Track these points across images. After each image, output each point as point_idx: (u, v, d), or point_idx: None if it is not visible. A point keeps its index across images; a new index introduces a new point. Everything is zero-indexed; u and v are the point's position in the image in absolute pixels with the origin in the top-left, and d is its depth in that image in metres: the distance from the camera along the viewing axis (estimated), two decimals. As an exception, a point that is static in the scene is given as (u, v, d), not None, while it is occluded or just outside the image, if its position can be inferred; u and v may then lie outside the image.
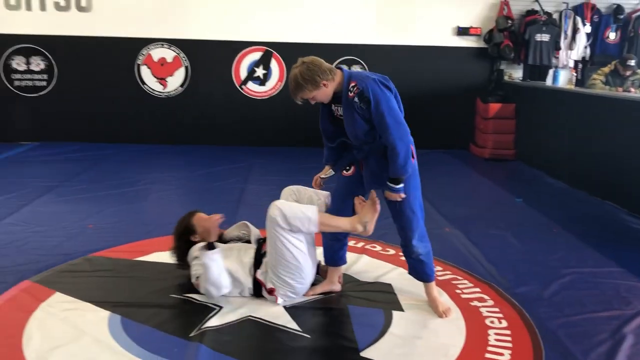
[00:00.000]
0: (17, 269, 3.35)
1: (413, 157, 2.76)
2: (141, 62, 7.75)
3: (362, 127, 2.73)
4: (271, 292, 2.94)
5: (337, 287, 3.15)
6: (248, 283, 2.98)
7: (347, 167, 3.00)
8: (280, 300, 2.94)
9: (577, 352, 2.56)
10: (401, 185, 2.73)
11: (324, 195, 3.12)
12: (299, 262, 2.87)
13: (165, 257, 3.59)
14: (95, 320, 2.75)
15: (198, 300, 2.98)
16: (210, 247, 2.87)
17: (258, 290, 2.98)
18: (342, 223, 2.89)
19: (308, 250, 2.91)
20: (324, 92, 2.77)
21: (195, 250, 3.05)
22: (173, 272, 3.36)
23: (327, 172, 3.14)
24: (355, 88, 2.69)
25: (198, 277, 2.96)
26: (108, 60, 7.69)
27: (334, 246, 3.08)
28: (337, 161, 3.08)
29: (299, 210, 2.82)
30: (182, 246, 3.16)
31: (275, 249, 2.85)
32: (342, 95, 2.76)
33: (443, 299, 3.04)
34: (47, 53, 7.64)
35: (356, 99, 2.68)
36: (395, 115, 2.68)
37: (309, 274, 2.97)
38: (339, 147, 3.02)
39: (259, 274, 2.97)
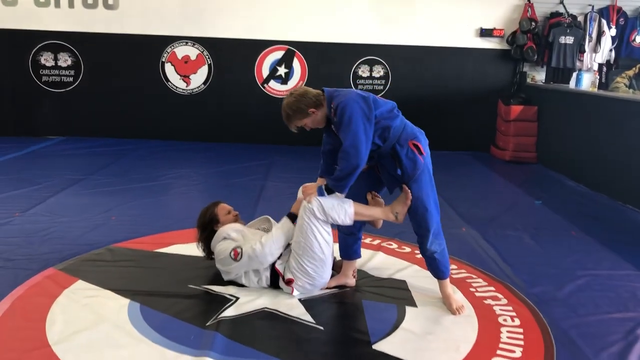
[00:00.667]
0: (42, 257, 3.46)
1: (422, 153, 2.84)
2: (165, 59, 7.88)
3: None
4: (289, 282, 2.99)
5: (352, 281, 3.20)
6: (266, 272, 3.04)
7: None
8: (296, 292, 3.00)
9: (589, 352, 2.57)
10: (324, 193, 2.91)
11: None
12: (324, 255, 2.95)
13: (185, 249, 3.69)
14: (116, 307, 2.83)
15: (215, 292, 3.05)
16: None
17: (275, 280, 3.04)
18: (375, 212, 3.02)
19: (332, 246, 2.99)
20: (314, 119, 2.94)
21: (227, 229, 3.14)
22: (192, 263, 3.45)
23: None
24: (334, 108, 2.82)
25: (236, 248, 3.01)
26: (133, 57, 7.84)
27: (348, 240, 3.13)
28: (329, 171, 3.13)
29: (336, 202, 2.91)
30: (209, 236, 3.22)
31: (305, 239, 2.91)
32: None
33: (457, 296, 3.07)
34: (74, 49, 7.81)
35: (335, 118, 2.83)
36: (356, 133, 2.74)
37: (329, 269, 3.05)
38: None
39: (278, 264, 3.03)
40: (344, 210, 2.90)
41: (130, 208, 4.66)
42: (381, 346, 2.56)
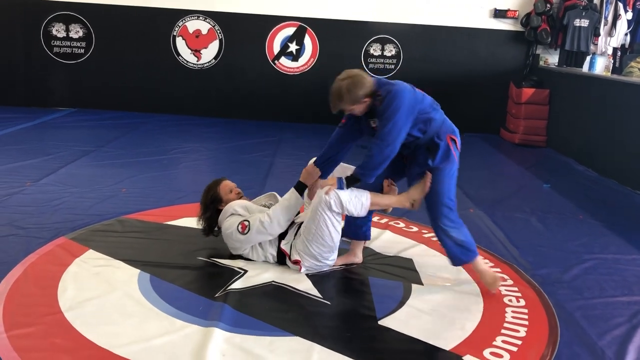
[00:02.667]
0: (53, 226, 3.51)
1: (458, 149, 2.93)
2: (177, 33, 7.85)
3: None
4: (296, 262, 3.03)
5: (359, 259, 3.23)
6: (272, 251, 3.08)
7: None
8: (303, 269, 3.04)
9: (593, 334, 2.59)
10: (344, 188, 2.88)
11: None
12: (333, 243, 2.99)
13: (194, 222, 3.71)
14: (126, 277, 2.88)
15: (223, 264, 3.09)
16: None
17: (282, 258, 3.08)
18: (391, 201, 3.04)
19: (340, 232, 3.03)
20: (361, 107, 2.85)
21: (234, 205, 3.16)
22: (201, 236, 3.47)
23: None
24: (379, 97, 2.79)
25: (243, 222, 3.03)
26: (145, 31, 7.83)
27: (358, 221, 3.14)
28: (327, 163, 3.13)
29: (353, 194, 2.91)
30: (212, 216, 3.24)
31: (317, 227, 2.93)
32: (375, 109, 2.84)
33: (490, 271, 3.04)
34: (86, 21, 7.80)
35: (381, 107, 2.78)
36: (399, 125, 2.74)
37: (336, 253, 3.09)
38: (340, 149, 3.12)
39: (283, 244, 3.06)
40: (361, 203, 2.91)
41: (140, 181, 4.69)
42: (387, 322, 2.59)
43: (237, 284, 2.86)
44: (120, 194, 4.29)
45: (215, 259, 3.15)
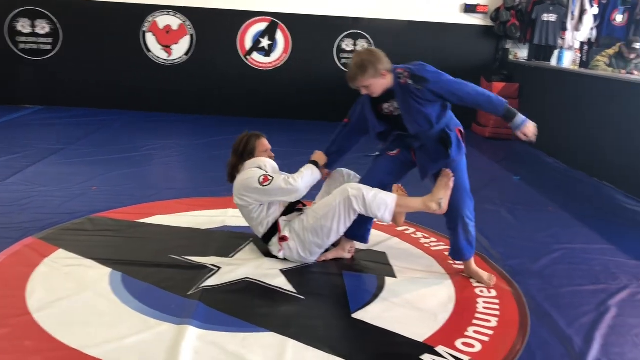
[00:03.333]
0: (21, 226, 3.44)
1: (463, 139, 2.94)
2: (146, 29, 7.75)
3: (420, 112, 2.80)
4: (283, 239, 3.02)
5: (348, 255, 3.23)
6: (271, 219, 3.06)
7: (393, 148, 3.06)
8: (281, 254, 3.05)
9: (562, 323, 2.65)
10: (520, 117, 2.86)
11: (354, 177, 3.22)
12: (328, 240, 3.01)
13: (166, 219, 3.70)
14: (97, 276, 2.84)
15: (197, 262, 3.07)
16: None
17: (271, 233, 3.06)
18: (416, 204, 2.94)
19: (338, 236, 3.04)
20: (380, 83, 2.82)
21: (267, 161, 3.15)
22: (173, 234, 3.46)
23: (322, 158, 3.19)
24: (405, 73, 2.78)
25: (267, 175, 2.99)
26: (113, 26, 7.70)
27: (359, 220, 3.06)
28: (336, 154, 3.20)
29: (379, 195, 2.87)
30: (237, 163, 3.18)
31: (324, 218, 2.92)
32: (394, 89, 2.82)
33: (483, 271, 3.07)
34: (52, 17, 7.64)
35: (410, 81, 2.76)
36: (456, 80, 2.82)
37: (321, 252, 3.11)
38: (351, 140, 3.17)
39: (281, 219, 3.06)
40: (385, 203, 2.84)
41: (111, 178, 4.63)
42: (361, 315, 2.61)
43: (211, 281, 2.84)
44: (91, 192, 4.23)
45: (188, 257, 3.12)
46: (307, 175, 3.02)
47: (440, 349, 2.34)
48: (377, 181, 3.03)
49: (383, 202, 2.85)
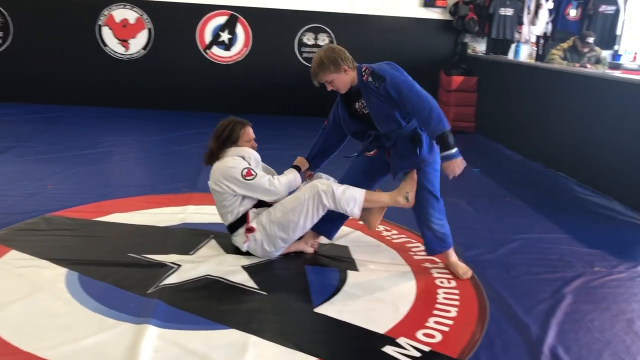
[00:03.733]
0: (-29, 227, 3.32)
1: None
2: (102, 22, 7.57)
3: (385, 110, 2.83)
4: (249, 230, 3.01)
5: (310, 249, 3.23)
6: (243, 209, 3.03)
7: (371, 148, 3.09)
8: (246, 246, 3.03)
9: (519, 310, 2.71)
10: (455, 149, 2.73)
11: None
12: (293, 235, 3.00)
13: (125, 217, 3.63)
14: (52, 277, 2.76)
15: (156, 260, 3.02)
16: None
17: (238, 224, 3.03)
18: (384, 198, 2.98)
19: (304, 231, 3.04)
20: (343, 79, 2.85)
21: (251, 153, 3.11)
22: (132, 232, 3.40)
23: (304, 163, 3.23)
24: (366, 70, 2.82)
25: (250, 170, 2.99)
26: (68, 20, 7.50)
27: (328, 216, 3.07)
28: (316, 158, 3.23)
29: (348, 190, 2.89)
30: (216, 150, 3.13)
31: (292, 212, 2.92)
32: (360, 87, 2.86)
33: (461, 262, 3.10)
34: (1, 9, 7.38)
35: (370, 79, 2.79)
36: (412, 84, 2.81)
37: (285, 247, 3.10)
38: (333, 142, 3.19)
39: (251, 211, 3.04)
40: (354, 198, 2.87)
41: (66, 176, 4.51)
42: (323, 309, 2.61)
43: (171, 279, 2.80)
44: (46, 191, 4.11)
45: (147, 255, 3.07)
46: (291, 180, 3.05)
47: (401, 340, 2.37)
48: (353, 182, 3.04)
49: (352, 197, 2.88)
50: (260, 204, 3.07)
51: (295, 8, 7.81)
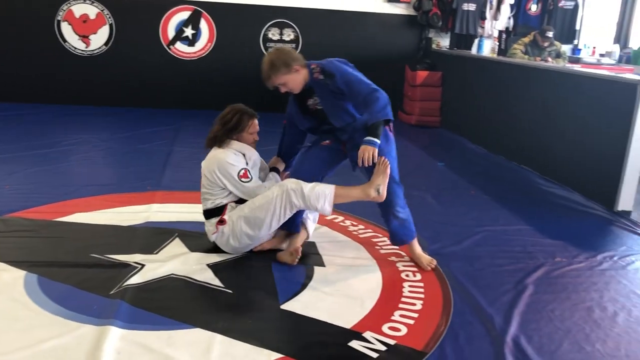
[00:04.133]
0: None
1: (391, 130, 2.98)
2: (61, 18, 7.38)
3: (339, 105, 2.86)
4: (221, 222, 3.00)
5: (284, 245, 3.21)
6: (224, 201, 3.02)
7: (325, 139, 3.11)
8: (213, 237, 3.03)
9: (483, 302, 2.75)
10: (378, 140, 2.79)
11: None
12: (260, 233, 2.98)
13: (87, 217, 3.56)
14: (10, 280, 2.68)
15: (119, 260, 2.96)
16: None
17: (214, 212, 3.03)
18: (355, 193, 2.95)
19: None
20: (296, 79, 2.85)
21: (254, 155, 3.12)
22: (94, 232, 3.33)
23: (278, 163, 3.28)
24: (316, 68, 2.83)
25: (247, 171, 3.00)
26: (25, 15, 7.29)
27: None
28: (287, 155, 3.26)
29: (317, 187, 2.88)
30: (222, 136, 3.05)
31: (259, 210, 2.90)
32: (311, 85, 2.87)
33: (425, 253, 3.15)
34: (-44, 5, 7.15)
35: (321, 76, 2.81)
36: (361, 78, 2.86)
37: (252, 245, 3.08)
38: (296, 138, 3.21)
39: (229, 205, 3.02)
40: (324, 194, 2.85)
41: (25, 176, 4.39)
42: (289, 306, 2.60)
43: (134, 279, 2.75)
44: (3, 191, 3.99)
45: (110, 255, 3.01)
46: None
47: (367, 334, 2.38)
48: (311, 168, 3.08)
49: (322, 193, 2.87)
50: (242, 200, 3.05)
51: (259, 3, 7.76)
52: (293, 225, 3.17)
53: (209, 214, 3.07)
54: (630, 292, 2.98)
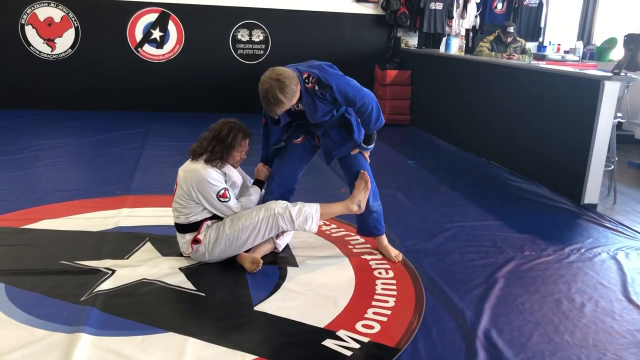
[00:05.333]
0: None
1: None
2: (25, 21, 7.23)
3: (323, 109, 2.88)
4: (196, 241, 2.95)
5: (280, 245, 3.23)
6: (199, 217, 2.95)
7: (297, 136, 3.15)
8: (188, 252, 3.00)
9: (454, 297, 2.79)
10: (373, 145, 3.07)
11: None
12: (238, 251, 2.98)
13: (55, 224, 3.50)
14: (-24, 289, 2.63)
15: (90, 266, 2.92)
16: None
17: (191, 228, 2.95)
18: (337, 209, 3.07)
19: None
20: (296, 97, 2.81)
21: (236, 177, 3.06)
22: (63, 238, 3.28)
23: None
24: (310, 78, 2.80)
25: (226, 191, 2.93)
26: (-13, 19, 7.12)
27: None
28: (272, 154, 3.24)
29: (303, 208, 2.92)
30: (212, 150, 2.92)
31: (243, 232, 2.90)
32: (301, 92, 2.83)
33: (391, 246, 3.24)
34: None
35: (316, 87, 2.80)
36: (355, 86, 2.88)
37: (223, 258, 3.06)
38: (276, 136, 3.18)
39: (205, 223, 2.96)
40: (311, 216, 2.92)
41: (-10, 183, 4.30)
42: (263, 307, 2.60)
43: (105, 285, 2.72)
44: (-32, 200, 3.90)
45: (79, 262, 2.97)
46: (255, 201, 3.08)
47: (341, 332, 2.39)
48: (290, 172, 3.14)
49: (309, 215, 2.93)
50: (216, 216, 3.00)
51: (228, 4, 7.72)
52: None
53: (181, 228, 3.00)
54: (597, 284, 3.06)
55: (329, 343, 2.32)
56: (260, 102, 2.82)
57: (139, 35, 7.58)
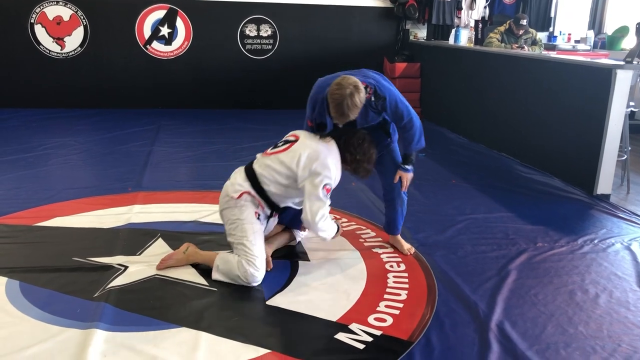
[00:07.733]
0: None
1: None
2: (34, 20, 7.27)
3: (375, 118, 2.93)
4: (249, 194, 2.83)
5: (298, 237, 3.27)
6: (289, 203, 2.97)
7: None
8: (228, 198, 2.87)
9: (466, 289, 2.78)
10: (412, 166, 3.10)
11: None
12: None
13: (68, 221, 3.53)
14: (-9, 287, 2.65)
15: (102, 262, 2.94)
16: None
17: (257, 186, 2.83)
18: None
19: None
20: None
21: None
22: (75, 235, 3.30)
23: None
24: (369, 89, 2.82)
25: (329, 187, 2.79)
26: (-3, 19, 7.16)
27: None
28: None
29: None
30: (341, 145, 2.86)
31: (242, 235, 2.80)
32: None
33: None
34: None
35: (372, 98, 2.84)
36: (404, 101, 2.94)
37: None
38: None
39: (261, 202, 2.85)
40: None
41: (4, 182, 4.33)
42: (275, 301, 2.61)
43: (118, 281, 2.73)
44: (-19, 198, 3.94)
45: (92, 258, 2.98)
46: (331, 230, 2.92)
47: (353, 326, 2.39)
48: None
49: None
50: (273, 210, 2.93)
51: (235, 0, 7.71)
52: (295, 222, 3.16)
53: (251, 174, 2.82)
54: (611, 274, 3.03)
55: (341, 337, 2.32)
56: (266, 99, 2.80)
57: (147, 33, 7.59)
